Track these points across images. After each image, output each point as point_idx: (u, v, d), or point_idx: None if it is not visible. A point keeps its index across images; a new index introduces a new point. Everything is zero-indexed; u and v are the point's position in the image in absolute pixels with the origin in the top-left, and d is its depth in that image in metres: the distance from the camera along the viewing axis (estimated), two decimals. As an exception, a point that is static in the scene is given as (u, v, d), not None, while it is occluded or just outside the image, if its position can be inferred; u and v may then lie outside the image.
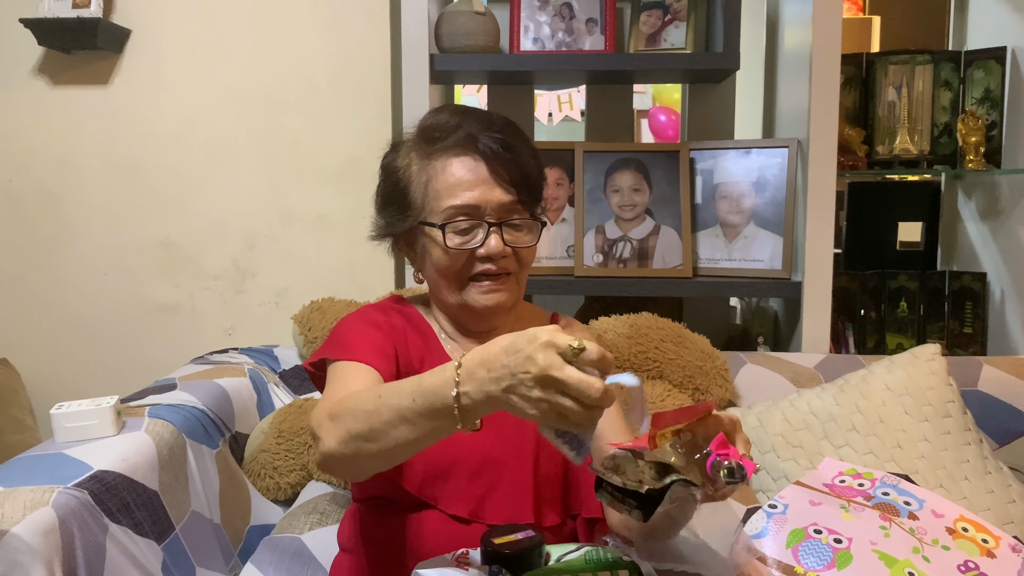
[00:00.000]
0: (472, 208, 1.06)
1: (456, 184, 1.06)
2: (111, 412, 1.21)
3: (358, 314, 1.17)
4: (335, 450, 0.89)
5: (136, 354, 2.05)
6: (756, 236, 1.86)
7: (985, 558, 1.11)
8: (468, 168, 1.07)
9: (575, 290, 1.90)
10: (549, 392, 0.73)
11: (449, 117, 1.10)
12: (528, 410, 0.74)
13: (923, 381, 1.45)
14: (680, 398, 1.53)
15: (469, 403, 0.79)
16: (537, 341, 0.74)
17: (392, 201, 1.13)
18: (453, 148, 1.07)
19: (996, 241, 1.94)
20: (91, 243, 2.03)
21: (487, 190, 1.06)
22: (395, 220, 1.12)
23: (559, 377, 0.72)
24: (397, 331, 1.13)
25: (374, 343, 1.09)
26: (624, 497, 0.81)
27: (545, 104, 4.34)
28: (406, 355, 1.12)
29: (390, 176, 1.13)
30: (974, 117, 1.86)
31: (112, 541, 1.08)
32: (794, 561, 1.10)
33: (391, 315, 1.16)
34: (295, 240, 2.03)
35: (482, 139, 1.07)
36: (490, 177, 1.06)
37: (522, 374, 0.74)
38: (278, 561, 1.33)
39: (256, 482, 1.49)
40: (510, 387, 0.75)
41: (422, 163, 1.10)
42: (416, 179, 1.10)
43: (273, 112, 2.00)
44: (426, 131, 1.11)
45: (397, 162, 1.13)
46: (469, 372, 0.79)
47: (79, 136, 2.01)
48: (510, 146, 1.08)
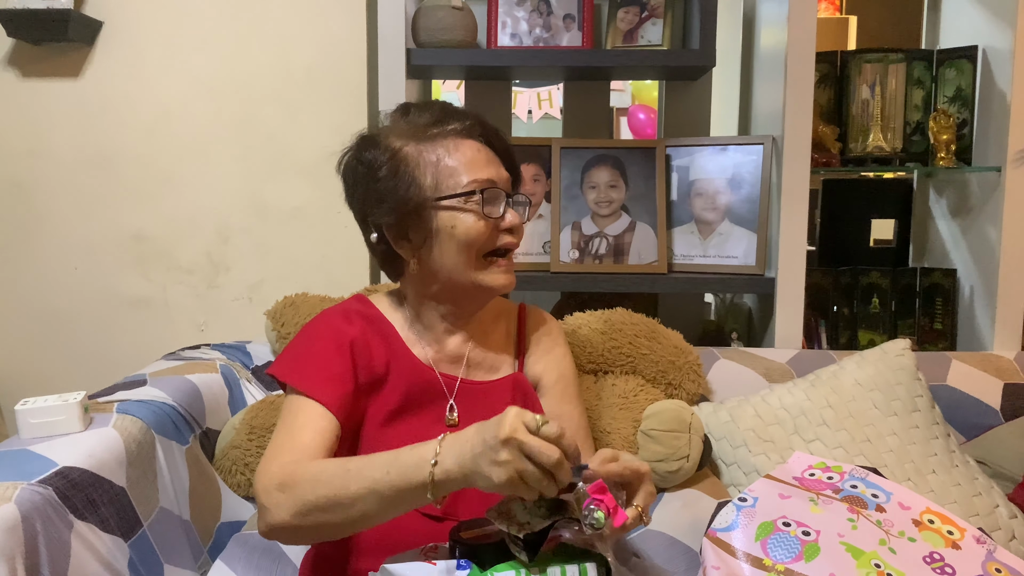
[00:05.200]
0: (492, 183, 1.10)
1: (473, 161, 1.10)
2: (78, 408, 1.20)
3: (323, 326, 1.15)
4: (287, 522, 0.92)
5: (107, 348, 2.02)
6: (731, 233, 1.87)
7: (950, 549, 1.12)
8: (477, 149, 1.11)
9: (551, 286, 1.90)
10: (514, 453, 0.81)
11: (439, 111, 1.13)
12: (495, 474, 0.82)
13: (892, 376, 1.46)
14: (653, 393, 1.53)
15: (443, 477, 0.86)
16: (508, 414, 0.83)
17: (393, 189, 1.09)
18: (458, 133, 1.11)
19: (966, 238, 1.96)
20: (62, 235, 2.01)
21: (497, 169, 1.12)
22: (400, 206, 1.09)
23: (522, 440, 0.81)
24: (358, 343, 1.12)
25: (334, 374, 1.08)
26: (512, 539, 0.88)
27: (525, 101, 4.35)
28: (367, 366, 1.11)
29: (377, 168, 1.10)
30: (945, 115, 1.88)
31: (77, 538, 1.07)
32: (763, 554, 1.10)
33: (354, 321, 1.15)
34: (270, 234, 2.01)
35: (481, 127, 1.13)
36: (495, 158, 1.13)
37: (491, 439, 0.82)
38: (248, 558, 1.32)
39: (227, 478, 1.48)
40: (480, 454, 0.83)
41: (423, 145, 1.10)
42: (422, 161, 1.09)
43: (248, 104, 1.98)
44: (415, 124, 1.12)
45: (379, 155, 1.10)
46: (447, 446, 0.87)
47: (50, 127, 1.98)
48: (497, 135, 1.16)
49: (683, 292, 2.12)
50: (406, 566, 0.91)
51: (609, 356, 1.56)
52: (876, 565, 1.08)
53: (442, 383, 1.14)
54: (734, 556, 1.12)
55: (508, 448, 0.81)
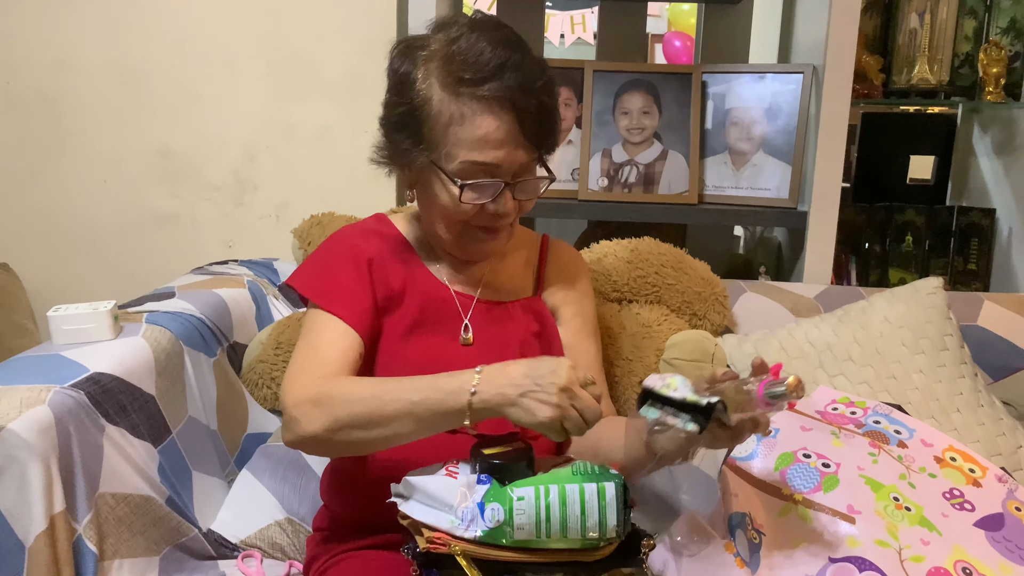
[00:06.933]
0: (493, 167, 1.02)
1: (482, 140, 1.01)
2: (108, 316, 1.22)
3: (342, 243, 1.14)
4: (318, 434, 0.94)
5: (135, 263, 2.04)
6: (765, 164, 1.83)
7: (971, 487, 1.12)
8: (497, 126, 1.00)
9: (578, 214, 1.88)
10: (565, 401, 0.87)
11: (490, 54, 1.00)
12: (541, 412, 0.87)
13: (923, 314, 1.44)
14: (678, 323, 1.52)
15: (481, 406, 0.89)
16: (564, 364, 0.89)
17: (406, 127, 1.05)
18: (486, 99, 1.00)
19: (1008, 177, 1.90)
20: (90, 149, 2.01)
21: (511, 151, 1.02)
22: (407, 149, 1.06)
23: (576, 392, 0.88)
24: (376, 261, 1.11)
25: (353, 289, 1.08)
26: (678, 412, 0.90)
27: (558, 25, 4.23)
28: (384, 283, 1.11)
29: (406, 95, 1.04)
30: (997, 47, 1.80)
31: (109, 442, 1.09)
32: (782, 482, 1.11)
33: (371, 239, 1.14)
34: (296, 153, 2.00)
35: (518, 97, 1.00)
36: (517, 138, 1.02)
37: (546, 383, 0.87)
38: (273, 469, 1.36)
39: (253, 392, 1.50)
40: (528, 392, 0.88)
41: (446, 96, 1.01)
42: (437, 112, 1.02)
43: (274, 21, 1.94)
44: (457, 62, 1.00)
45: (416, 77, 1.03)
46: (488, 378, 0.90)
47: (79, 39, 1.96)
48: (544, 106, 1.04)
49: (713, 224, 2.09)
50: (428, 479, 0.92)
51: (634, 285, 1.54)
52: (895, 498, 1.08)
53: (457, 302, 1.14)
54: (752, 484, 1.13)
55: (563, 395, 0.87)
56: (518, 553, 0.88)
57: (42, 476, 0.97)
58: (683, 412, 0.89)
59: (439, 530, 0.89)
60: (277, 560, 1.30)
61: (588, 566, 0.90)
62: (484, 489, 0.89)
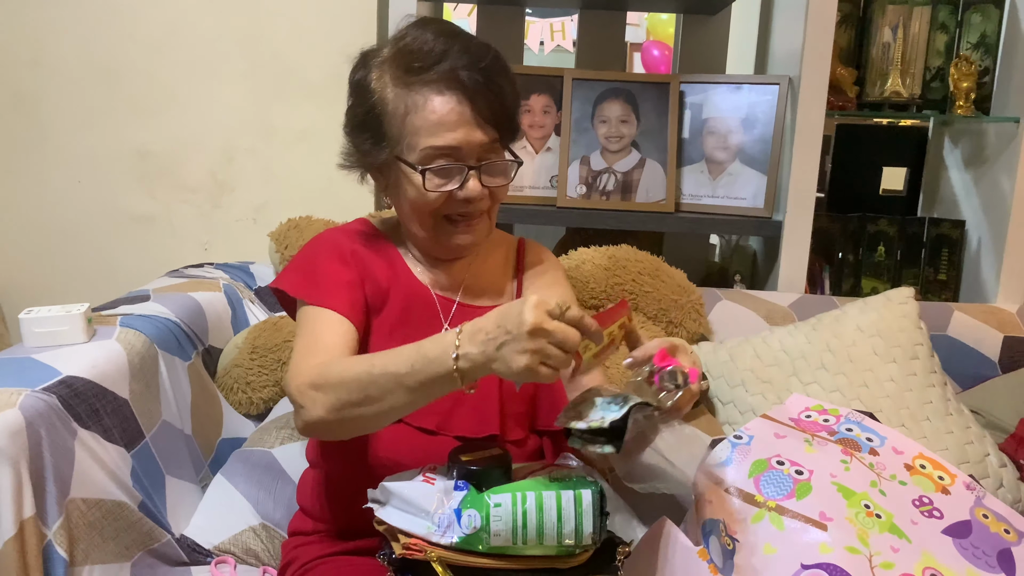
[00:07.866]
0: (453, 150, 1.03)
1: (438, 123, 1.02)
2: (81, 319, 1.20)
3: (326, 241, 1.14)
4: (323, 417, 0.94)
5: (110, 264, 2.02)
6: (741, 173, 1.85)
7: (940, 494, 1.14)
8: (451, 107, 1.02)
9: (557, 220, 1.88)
10: (538, 343, 0.82)
11: (433, 41, 1.03)
12: (517, 362, 0.83)
13: (894, 324, 1.46)
14: (653, 330, 1.54)
15: (468, 366, 0.87)
16: (528, 303, 0.83)
17: (366, 127, 1.07)
18: (436, 83, 1.02)
19: (978, 189, 1.94)
20: (65, 149, 1.99)
21: (469, 131, 1.03)
22: (369, 149, 1.08)
23: (548, 328, 0.82)
24: (362, 261, 1.12)
25: (343, 282, 1.08)
26: (593, 437, 0.88)
27: (537, 32, 4.25)
28: (371, 278, 1.11)
29: (363, 97, 1.07)
30: (968, 62, 1.83)
31: (81, 446, 1.08)
32: (755, 490, 1.12)
33: (355, 239, 1.15)
34: (275, 156, 1.99)
35: (466, 75, 1.02)
36: (473, 117, 1.03)
37: (515, 329, 0.83)
38: (248, 473, 1.35)
39: (228, 396, 1.49)
40: (504, 343, 0.84)
41: (399, 91, 1.04)
42: (393, 108, 1.04)
43: (254, 21, 1.93)
44: (405, 55, 1.04)
45: (370, 81, 1.07)
46: (468, 336, 0.87)
47: (55, 37, 1.94)
48: (495, 84, 1.04)
49: (689, 232, 2.10)
50: (405, 485, 0.92)
51: (611, 292, 1.56)
52: (866, 505, 1.10)
53: (438, 306, 1.14)
54: (726, 491, 1.14)
55: (533, 338, 0.82)
56: (494, 560, 0.89)
57: (12, 480, 0.96)
58: (599, 436, 0.88)
59: (415, 536, 0.89)
60: (251, 566, 1.29)
61: (564, 573, 0.91)
62: (461, 495, 0.89)
